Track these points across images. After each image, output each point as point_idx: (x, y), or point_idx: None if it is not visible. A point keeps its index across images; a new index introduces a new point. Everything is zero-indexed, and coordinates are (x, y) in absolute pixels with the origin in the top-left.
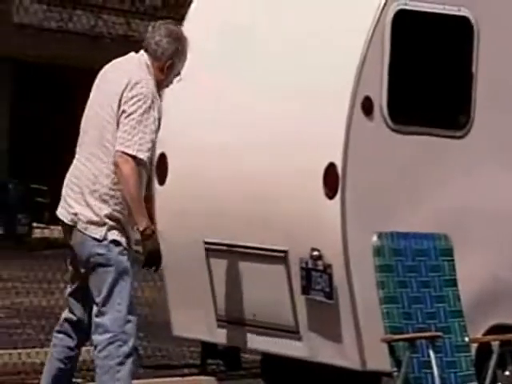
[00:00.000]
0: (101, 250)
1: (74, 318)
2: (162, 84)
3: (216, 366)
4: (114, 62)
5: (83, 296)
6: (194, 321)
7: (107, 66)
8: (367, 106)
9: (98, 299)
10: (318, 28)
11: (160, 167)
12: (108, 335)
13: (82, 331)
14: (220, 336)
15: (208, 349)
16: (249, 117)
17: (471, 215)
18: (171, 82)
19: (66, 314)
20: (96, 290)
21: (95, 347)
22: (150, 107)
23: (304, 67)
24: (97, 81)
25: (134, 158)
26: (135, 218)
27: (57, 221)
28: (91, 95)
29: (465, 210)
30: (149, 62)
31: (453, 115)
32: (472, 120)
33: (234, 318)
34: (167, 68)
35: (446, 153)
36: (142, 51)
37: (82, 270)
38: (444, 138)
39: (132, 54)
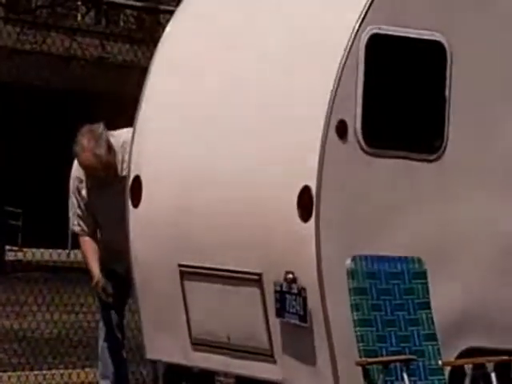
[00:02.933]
0: None
1: None
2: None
3: None
4: None
5: None
6: (169, 344)
7: None
8: (341, 130)
9: None
10: (293, 51)
11: (134, 190)
12: None
13: None
14: (195, 359)
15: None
16: (224, 140)
17: (446, 238)
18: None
19: None
20: None
21: None
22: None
23: (279, 90)
24: None
25: None
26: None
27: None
28: None
29: (439, 233)
30: None
31: (426, 139)
32: (445, 143)
33: (208, 341)
34: None
35: (420, 176)
36: None
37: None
38: (418, 161)
39: None
